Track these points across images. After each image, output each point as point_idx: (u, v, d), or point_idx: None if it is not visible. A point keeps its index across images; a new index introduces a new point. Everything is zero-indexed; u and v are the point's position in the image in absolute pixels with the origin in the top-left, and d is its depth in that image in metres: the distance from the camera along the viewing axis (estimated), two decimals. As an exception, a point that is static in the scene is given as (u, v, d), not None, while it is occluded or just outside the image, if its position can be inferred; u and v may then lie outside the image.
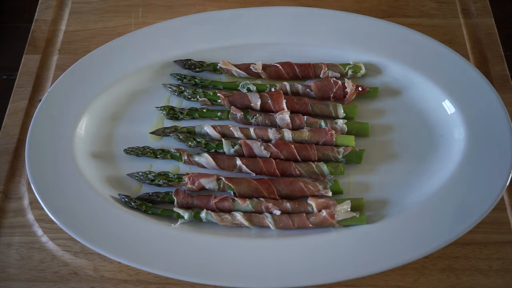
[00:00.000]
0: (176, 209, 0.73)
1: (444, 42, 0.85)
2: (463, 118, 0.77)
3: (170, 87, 0.85)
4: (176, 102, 0.86)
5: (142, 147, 0.79)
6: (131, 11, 0.98)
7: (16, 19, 1.10)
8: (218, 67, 0.86)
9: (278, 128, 0.81)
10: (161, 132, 0.81)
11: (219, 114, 0.83)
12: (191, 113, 0.83)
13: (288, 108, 0.81)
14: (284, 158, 0.77)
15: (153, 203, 0.75)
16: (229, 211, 0.73)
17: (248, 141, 0.78)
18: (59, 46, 0.94)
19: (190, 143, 0.79)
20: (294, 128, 0.80)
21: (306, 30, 0.86)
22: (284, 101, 0.81)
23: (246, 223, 0.71)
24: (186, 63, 0.86)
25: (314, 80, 0.85)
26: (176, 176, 0.76)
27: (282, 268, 0.67)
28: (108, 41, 0.88)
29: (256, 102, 0.81)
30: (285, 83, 0.84)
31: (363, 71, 0.84)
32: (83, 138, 0.80)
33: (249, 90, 0.84)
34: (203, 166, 0.78)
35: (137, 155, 0.79)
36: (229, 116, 0.82)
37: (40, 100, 0.83)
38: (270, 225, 0.71)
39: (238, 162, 0.77)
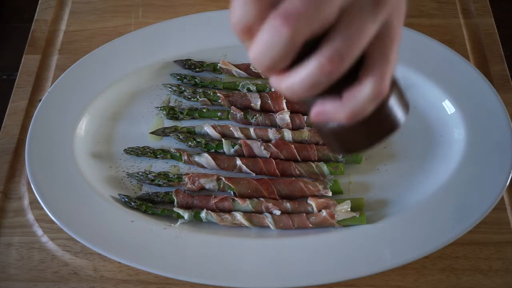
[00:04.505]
0: (176, 209, 0.73)
1: (444, 42, 0.85)
2: (463, 118, 0.77)
3: (170, 87, 0.85)
4: (176, 102, 0.86)
5: (142, 147, 0.79)
6: (131, 11, 0.98)
7: (16, 19, 1.10)
8: (218, 67, 0.86)
9: (278, 128, 0.81)
10: (161, 132, 0.81)
11: (219, 114, 0.83)
12: (191, 113, 0.83)
13: (288, 108, 0.81)
14: (284, 158, 0.77)
15: (153, 203, 0.75)
16: (229, 211, 0.73)
17: (248, 141, 0.78)
18: (59, 46, 0.94)
19: (190, 143, 0.79)
20: (294, 128, 0.80)
21: (306, 30, 0.86)
22: (284, 101, 0.81)
23: (246, 223, 0.71)
24: (186, 63, 0.86)
25: (314, 80, 0.85)
26: (176, 176, 0.76)
27: (282, 268, 0.67)
28: (108, 41, 0.88)
29: (256, 102, 0.81)
30: (285, 83, 0.84)
31: (363, 71, 0.84)
32: (83, 138, 0.80)
33: (249, 90, 0.84)
34: (203, 166, 0.78)
35: (137, 155, 0.79)
36: (229, 116, 0.82)
37: (40, 100, 0.83)
38: (270, 225, 0.71)
39: (238, 162, 0.77)
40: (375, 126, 0.40)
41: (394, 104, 0.40)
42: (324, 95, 0.38)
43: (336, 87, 0.37)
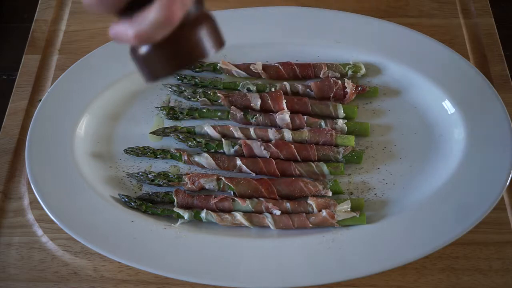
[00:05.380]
0: (176, 209, 0.73)
1: (444, 42, 0.85)
2: (463, 118, 0.77)
3: (170, 87, 0.85)
4: (176, 102, 0.86)
5: (142, 147, 0.79)
6: (131, 11, 0.98)
7: (16, 19, 1.10)
8: (218, 67, 0.86)
9: (278, 128, 0.81)
10: (161, 132, 0.81)
11: (219, 114, 0.82)
12: (191, 113, 0.83)
13: (288, 108, 0.81)
14: (284, 158, 0.77)
15: (153, 203, 0.75)
16: (229, 211, 0.73)
17: (248, 141, 0.78)
18: (59, 46, 0.94)
19: (190, 143, 0.79)
20: (294, 128, 0.80)
21: (306, 30, 0.86)
22: (284, 101, 0.81)
23: (246, 223, 0.71)
24: (186, 63, 0.86)
25: (314, 80, 0.85)
26: (176, 176, 0.76)
27: (282, 268, 0.67)
28: (108, 41, 0.88)
29: (256, 102, 0.81)
30: (285, 83, 0.84)
31: (363, 71, 0.84)
32: (83, 138, 0.80)
33: (249, 90, 0.84)
34: (203, 166, 0.78)
35: (137, 155, 0.79)
36: (229, 116, 0.82)
37: (40, 100, 0.83)
38: (270, 225, 0.71)
39: (238, 162, 0.77)
40: (175, 53, 0.44)
41: (198, 35, 0.44)
42: (126, 16, 0.42)
43: (135, 10, 0.41)
